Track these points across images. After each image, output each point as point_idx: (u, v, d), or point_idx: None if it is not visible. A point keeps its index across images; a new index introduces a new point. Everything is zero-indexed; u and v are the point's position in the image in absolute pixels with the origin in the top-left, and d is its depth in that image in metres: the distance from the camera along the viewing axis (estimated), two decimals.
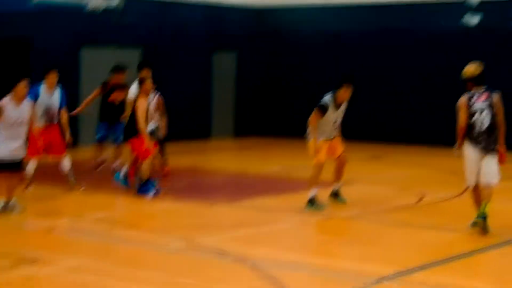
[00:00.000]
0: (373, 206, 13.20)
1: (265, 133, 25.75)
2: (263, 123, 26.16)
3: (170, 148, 16.18)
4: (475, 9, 22.35)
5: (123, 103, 15.22)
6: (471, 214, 11.47)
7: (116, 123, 15.68)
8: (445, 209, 13.23)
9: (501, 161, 11.18)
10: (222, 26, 24.95)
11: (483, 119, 11.00)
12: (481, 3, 22.24)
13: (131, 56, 22.20)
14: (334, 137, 13.05)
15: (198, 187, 15.41)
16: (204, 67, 24.52)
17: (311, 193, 12.73)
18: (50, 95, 13.97)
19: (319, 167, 12.80)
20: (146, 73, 14.58)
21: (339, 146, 13.14)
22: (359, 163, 17.95)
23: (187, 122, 23.17)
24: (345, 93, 12.74)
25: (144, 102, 13.76)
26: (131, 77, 16.02)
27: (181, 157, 19.45)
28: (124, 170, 14.40)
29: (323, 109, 12.70)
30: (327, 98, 12.79)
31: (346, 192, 13.42)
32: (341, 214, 12.56)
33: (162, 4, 23.28)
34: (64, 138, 14.08)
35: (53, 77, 13.94)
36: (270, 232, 11.28)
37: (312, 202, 12.67)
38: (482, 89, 11.14)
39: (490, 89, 11.21)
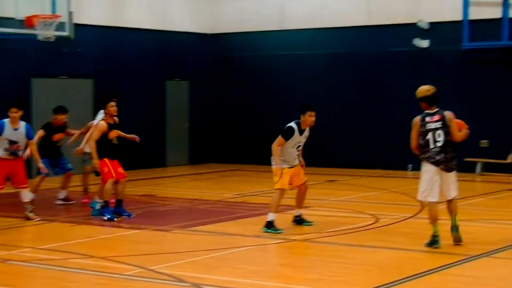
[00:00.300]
0: (330, 229, 13.23)
1: (220, 161, 25.75)
2: (218, 151, 26.16)
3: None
4: (426, 31, 22.67)
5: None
6: (426, 234, 11.63)
7: (58, 157, 16.27)
8: (401, 230, 13.30)
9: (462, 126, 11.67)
10: (175, 53, 24.97)
11: (436, 138, 11.35)
12: (431, 25, 22.57)
13: (83, 86, 22.18)
14: (296, 165, 13.23)
15: (154, 214, 15.33)
16: (157, 95, 24.49)
17: (269, 217, 12.89)
18: (15, 129, 14.17)
19: (281, 193, 13.04)
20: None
21: (302, 175, 13.36)
22: (314, 187, 18.01)
23: (142, 151, 23.05)
24: (308, 119, 12.98)
25: (102, 127, 14.35)
26: (86, 107, 16.13)
27: (137, 185, 19.37)
28: (99, 201, 14.79)
29: (289, 134, 12.95)
30: (292, 123, 13.04)
31: (305, 217, 13.45)
32: (298, 237, 12.59)
33: (113, 32, 23.22)
34: (25, 170, 14.50)
35: (13, 111, 14.14)
36: (226, 257, 11.25)
37: (269, 225, 12.84)
38: (435, 109, 11.50)
39: (443, 109, 11.55)
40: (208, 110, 26.01)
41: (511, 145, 21.39)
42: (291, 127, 13.03)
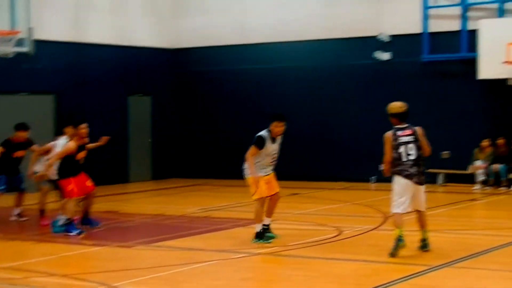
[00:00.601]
0: (293, 242, 13.23)
1: (183, 176, 25.69)
2: (181, 166, 26.09)
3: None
4: (386, 44, 22.84)
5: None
6: (389, 245, 11.69)
7: (15, 175, 16.24)
8: (364, 242, 13.34)
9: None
10: (137, 69, 24.90)
11: (408, 151, 11.66)
12: (392, 38, 22.74)
13: (44, 103, 22.03)
14: (270, 174, 13.31)
15: (117, 230, 15.25)
16: (119, 111, 24.38)
17: (257, 228, 13.08)
18: None
19: (262, 202, 13.15)
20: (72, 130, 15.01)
21: (275, 184, 13.42)
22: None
23: (104, 167, 22.93)
24: (277, 128, 13.12)
25: (71, 149, 14.46)
26: (47, 124, 16.10)
27: (99, 201, 19.20)
28: (62, 217, 14.71)
29: (261, 143, 13.04)
30: (263, 132, 13.15)
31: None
32: (262, 251, 12.57)
33: (74, 48, 23.10)
34: None
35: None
36: (190, 273, 11.19)
37: (259, 236, 13.03)
38: (405, 125, 11.83)
39: (413, 125, 11.93)
40: (170, 125, 25.95)
41: (472, 156, 21.58)
42: (261, 136, 13.10)
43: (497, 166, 21.05)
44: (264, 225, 13.51)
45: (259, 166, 13.12)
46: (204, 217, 16.76)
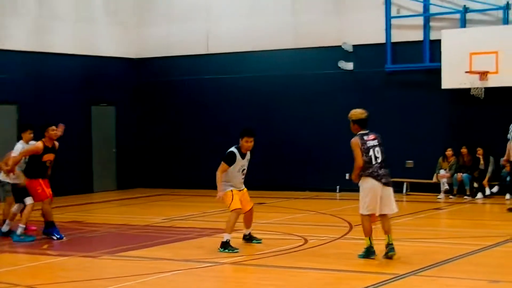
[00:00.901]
0: (259, 251, 13.22)
1: (148, 186, 25.59)
2: (146, 176, 26.00)
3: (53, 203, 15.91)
4: (350, 53, 22.96)
5: None
6: (354, 254, 11.76)
7: None
8: (329, 251, 13.36)
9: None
10: (100, 78, 24.78)
11: (376, 155, 12.06)
12: (355, 48, 22.87)
13: (6, 113, 21.81)
14: (243, 189, 13.53)
15: (81, 240, 15.13)
16: (83, 120, 24.23)
17: (225, 237, 13.15)
18: None
19: (237, 214, 13.27)
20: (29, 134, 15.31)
21: (249, 200, 13.68)
22: None
23: (68, 177, 22.79)
24: (247, 143, 13.28)
25: (38, 148, 14.60)
26: (10, 134, 15.96)
27: (63, 211, 19.10)
28: (21, 226, 14.79)
29: (231, 159, 13.17)
30: (233, 148, 13.29)
31: (234, 240, 13.43)
32: (227, 260, 12.53)
33: (37, 57, 22.93)
34: None
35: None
36: (155, 282, 11.15)
37: (225, 246, 13.09)
38: (367, 130, 12.21)
39: (373, 131, 12.31)
40: (135, 135, 25.86)
41: (436, 165, 21.73)
42: (232, 152, 13.23)
43: (461, 175, 21.21)
44: (245, 235, 13.86)
45: (231, 183, 13.28)
46: (169, 226, 16.70)
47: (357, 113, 12.32)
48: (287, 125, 23.91)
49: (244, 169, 13.42)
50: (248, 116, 23.69)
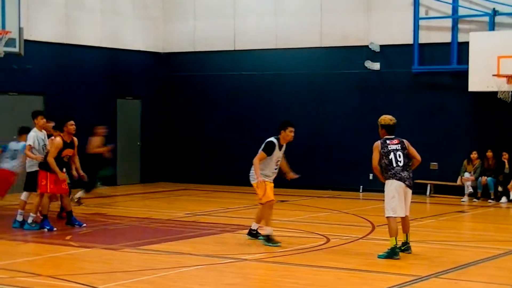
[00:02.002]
0: (281, 249, 13.21)
1: (171, 180, 25.62)
2: (170, 170, 26.03)
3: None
4: (377, 54, 22.87)
5: None
6: (376, 254, 11.72)
7: None
8: (351, 250, 13.34)
9: None
10: (127, 72, 24.84)
11: (398, 158, 12.34)
12: (382, 48, 22.78)
13: (33, 103, 21.89)
14: (271, 183, 13.58)
15: (104, 233, 15.20)
16: (108, 113, 24.29)
17: (266, 231, 13.35)
18: None
19: (270, 206, 13.42)
20: (41, 120, 15.54)
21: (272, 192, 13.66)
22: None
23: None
24: (289, 135, 13.51)
25: (59, 144, 14.78)
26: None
27: (87, 203, 19.19)
28: (31, 215, 15.05)
29: (271, 148, 13.32)
30: (273, 138, 13.43)
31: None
32: (249, 257, 12.53)
33: (64, 49, 23.02)
34: None
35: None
36: (176, 277, 11.17)
37: (269, 239, 13.29)
38: (393, 136, 12.57)
39: (400, 137, 12.65)
40: (159, 129, 25.90)
41: (461, 168, 21.60)
42: (272, 142, 13.35)
43: (485, 179, 21.08)
44: (251, 229, 13.73)
45: (265, 172, 13.37)
46: (192, 221, 16.72)
47: (387, 119, 12.68)
48: (311, 123, 23.83)
49: (278, 161, 13.54)
50: (273, 114, 23.63)
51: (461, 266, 11.91)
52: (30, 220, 15.14)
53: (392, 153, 12.39)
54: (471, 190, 21.27)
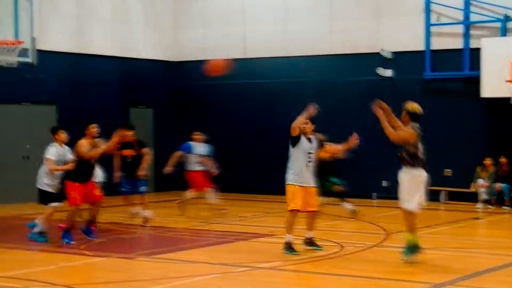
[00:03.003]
0: (295, 257, 13.20)
1: (185, 188, 25.59)
2: (183, 178, 26.01)
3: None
4: (388, 60, 22.87)
5: None
6: (391, 262, 11.69)
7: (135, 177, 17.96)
8: (365, 258, 13.31)
9: None
10: (139, 81, 24.92)
11: (422, 147, 12.28)
12: (394, 55, 22.77)
13: (46, 113, 22.01)
14: (309, 186, 13.51)
15: (119, 242, 15.22)
16: (121, 122, 24.28)
17: (287, 238, 13.26)
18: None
19: (293, 215, 13.32)
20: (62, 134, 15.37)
21: (313, 200, 13.63)
22: (279, 214, 18.05)
23: (106, 179, 22.86)
24: (307, 125, 14.21)
25: (84, 144, 14.78)
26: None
27: (102, 212, 19.16)
28: (39, 226, 14.81)
29: (295, 138, 13.98)
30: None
31: (270, 245, 13.44)
32: (263, 265, 12.53)
33: (77, 58, 23.12)
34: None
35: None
36: (191, 285, 11.18)
37: (288, 247, 13.20)
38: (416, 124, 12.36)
39: None
40: (172, 138, 25.91)
41: (474, 174, 21.56)
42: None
43: (499, 185, 21.02)
44: (307, 238, 13.70)
45: (295, 171, 13.36)
46: (206, 230, 16.73)
47: (415, 106, 12.53)
48: (322, 131, 23.76)
49: (310, 155, 13.55)
50: (284, 121, 23.57)
51: (476, 273, 11.86)
52: (37, 230, 14.90)
53: (420, 143, 12.27)
54: (485, 196, 21.20)
